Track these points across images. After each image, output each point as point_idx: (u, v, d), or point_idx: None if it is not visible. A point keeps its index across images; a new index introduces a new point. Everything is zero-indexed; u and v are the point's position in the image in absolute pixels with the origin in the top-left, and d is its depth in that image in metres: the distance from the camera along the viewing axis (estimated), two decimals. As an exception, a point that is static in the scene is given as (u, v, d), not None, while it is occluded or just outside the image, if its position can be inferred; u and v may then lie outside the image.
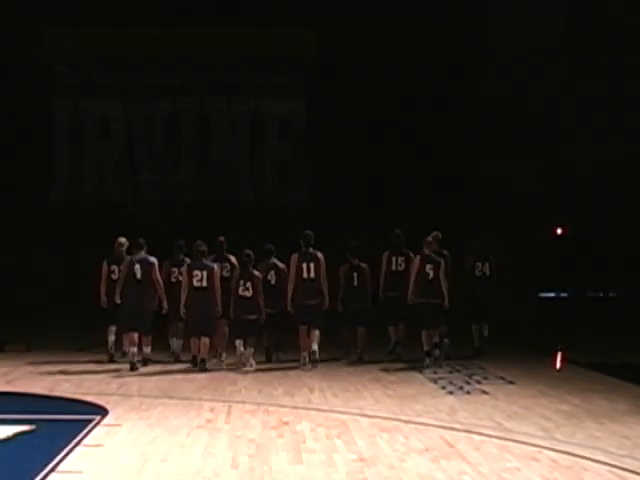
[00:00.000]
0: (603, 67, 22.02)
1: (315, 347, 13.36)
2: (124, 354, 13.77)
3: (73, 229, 21.79)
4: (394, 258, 14.24)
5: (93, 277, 14.44)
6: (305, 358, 13.40)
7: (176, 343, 14.21)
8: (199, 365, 13.21)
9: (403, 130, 21.98)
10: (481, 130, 22.33)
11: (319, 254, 13.63)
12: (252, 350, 13.41)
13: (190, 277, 13.32)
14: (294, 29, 22.90)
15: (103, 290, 14.05)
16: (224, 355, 13.74)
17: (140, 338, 13.50)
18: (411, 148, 21.91)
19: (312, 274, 13.50)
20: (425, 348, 13.39)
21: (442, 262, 13.55)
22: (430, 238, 13.70)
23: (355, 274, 14.17)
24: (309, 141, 23.03)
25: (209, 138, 23.36)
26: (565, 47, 22.34)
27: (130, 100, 23.23)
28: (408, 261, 14.07)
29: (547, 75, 22.07)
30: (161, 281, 13.62)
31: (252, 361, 13.38)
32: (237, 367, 13.31)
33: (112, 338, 13.98)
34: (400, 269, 14.17)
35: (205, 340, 13.23)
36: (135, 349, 13.32)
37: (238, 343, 13.40)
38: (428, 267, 13.43)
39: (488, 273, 14.50)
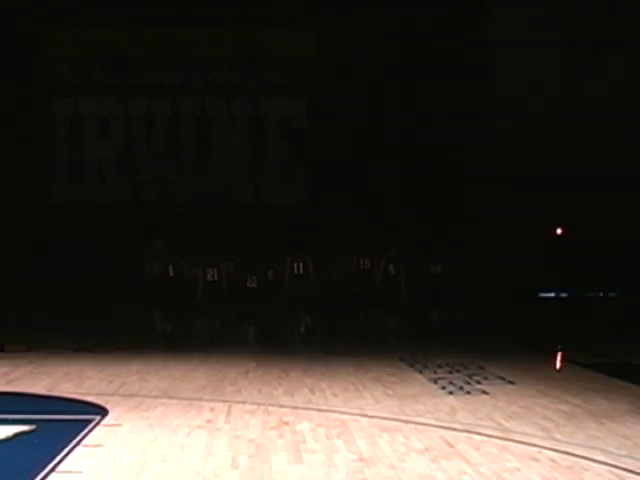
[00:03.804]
0: (603, 67, 22.02)
1: (302, 329, 17.14)
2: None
3: (73, 229, 21.79)
4: (360, 260, 17.35)
5: (93, 277, 14.93)
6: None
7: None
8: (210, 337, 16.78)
9: (403, 130, 21.97)
10: (481, 132, 22.32)
11: (307, 256, 16.90)
12: (253, 330, 16.86)
13: (205, 274, 16.78)
14: (294, 30, 22.91)
15: (147, 283, 17.02)
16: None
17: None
18: (411, 149, 21.90)
19: (301, 271, 16.88)
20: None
21: (403, 262, 17.23)
22: (396, 245, 17.32)
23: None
24: (309, 141, 23.03)
25: (209, 138, 23.37)
26: (565, 47, 22.38)
27: (130, 100, 23.24)
28: (372, 261, 17.25)
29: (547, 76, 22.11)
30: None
31: (253, 340, 16.74)
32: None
33: (159, 324, 16.96)
34: (366, 268, 17.30)
35: (217, 320, 16.94)
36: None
37: (243, 325, 16.98)
38: (391, 267, 17.17)
39: (440, 271, 17.94)
